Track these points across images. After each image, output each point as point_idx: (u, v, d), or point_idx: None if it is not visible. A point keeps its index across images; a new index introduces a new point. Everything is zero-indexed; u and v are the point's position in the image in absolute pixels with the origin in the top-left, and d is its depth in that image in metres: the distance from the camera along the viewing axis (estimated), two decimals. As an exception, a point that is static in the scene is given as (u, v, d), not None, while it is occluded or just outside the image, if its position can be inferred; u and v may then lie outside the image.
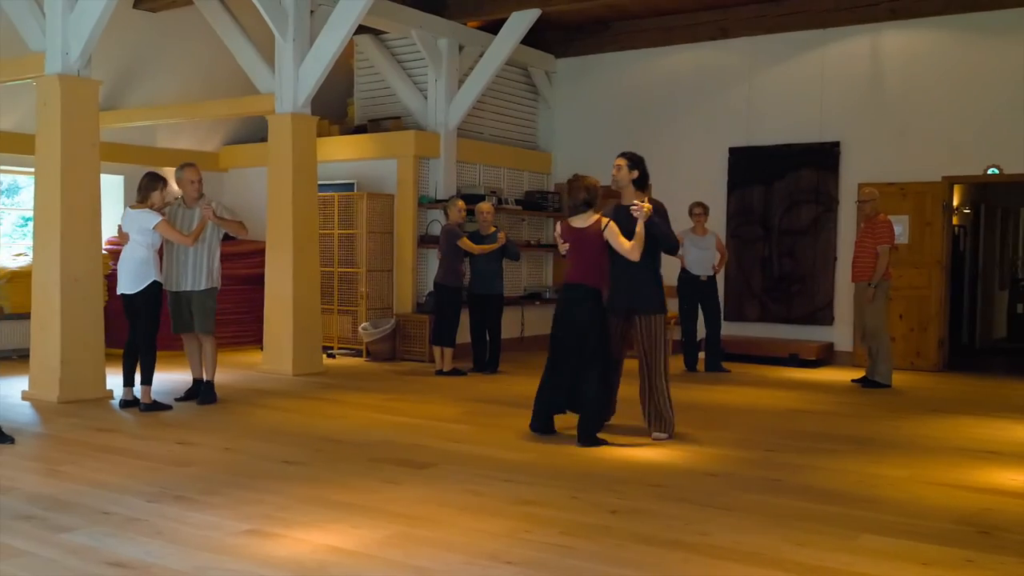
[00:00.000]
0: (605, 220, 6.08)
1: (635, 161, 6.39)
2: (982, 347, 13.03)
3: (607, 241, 6.04)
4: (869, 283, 8.81)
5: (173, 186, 7.62)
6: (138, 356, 7.13)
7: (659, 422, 6.25)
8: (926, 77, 10.38)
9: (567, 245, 6.16)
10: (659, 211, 6.20)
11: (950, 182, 10.42)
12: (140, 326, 7.11)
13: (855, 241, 9.41)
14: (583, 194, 6.18)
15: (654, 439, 6.19)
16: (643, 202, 6.06)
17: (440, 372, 9.33)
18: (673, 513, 4.52)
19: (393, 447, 5.96)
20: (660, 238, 6.17)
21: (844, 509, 4.63)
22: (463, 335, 9.70)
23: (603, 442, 6.03)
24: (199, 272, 7.36)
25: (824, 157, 10.86)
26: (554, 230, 6.19)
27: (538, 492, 4.86)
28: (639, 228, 6.00)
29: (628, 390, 6.59)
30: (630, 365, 6.52)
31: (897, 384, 9.01)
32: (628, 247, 6.00)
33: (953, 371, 10.34)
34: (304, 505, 4.55)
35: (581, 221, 6.15)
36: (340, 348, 10.89)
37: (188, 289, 7.37)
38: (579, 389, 6.09)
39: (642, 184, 6.38)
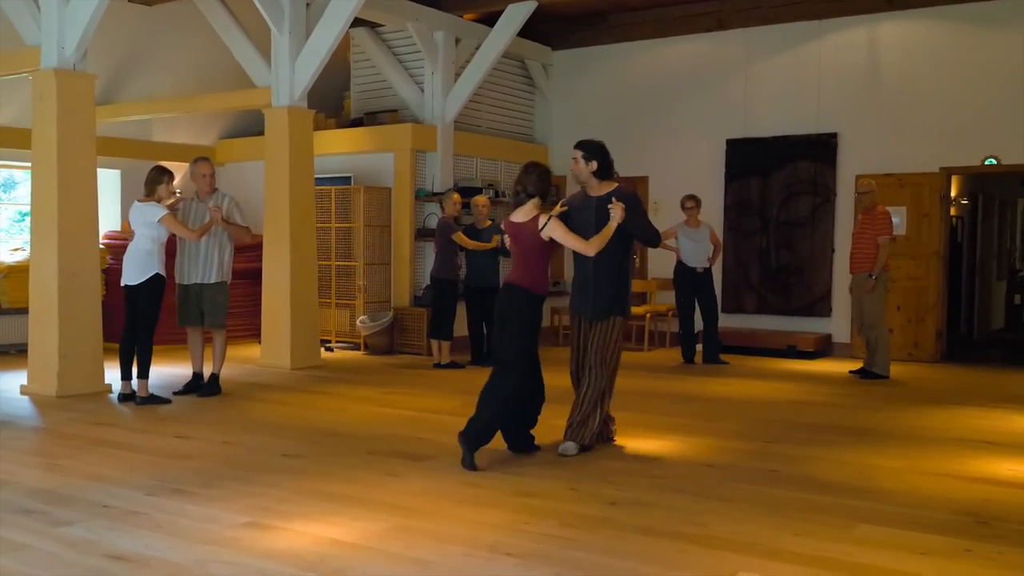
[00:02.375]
0: (545, 216, 5.40)
1: (591, 150, 5.69)
2: (980, 338, 13.05)
3: (548, 240, 5.40)
4: (870, 274, 8.81)
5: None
6: (135, 349, 7.13)
7: (579, 429, 5.62)
8: (923, 68, 10.37)
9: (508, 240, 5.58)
10: (632, 202, 5.62)
11: (948, 173, 10.42)
12: (140, 319, 7.11)
13: (853, 233, 9.41)
14: (521, 184, 5.49)
15: (559, 451, 5.54)
16: (611, 192, 5.59)
17: (438, 365, 9.34)
18: (672, 504, 4.52)
19: (392, 440, 5.97)
20: (637, 233, 5.67)
21: (842, 500, 4.64)
22: (461, 328, 9.70)
23: (474, 466, 5.13)
24: (210, 265, 7.40)
25: (821, 148, 10.85)
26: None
27: (537, 484, 4.86)
28: (610, 226, 5.47)
29: (625, 383, 6.58)
30: (628, 358, 6.49)
31: (895, 375, 9.02)
32: (581, 245, 5.44)
33: (951, 362, 10.35)
34: (303, 498, 4.55)
35: (520, 215, 5.49)
36: (338, 341, 10.89)
37: (198, 282, 7.38)
38: (485, 388, 5.42)
39: (605, 174, 5.70)
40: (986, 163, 10.10)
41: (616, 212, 5.49)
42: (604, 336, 5.64)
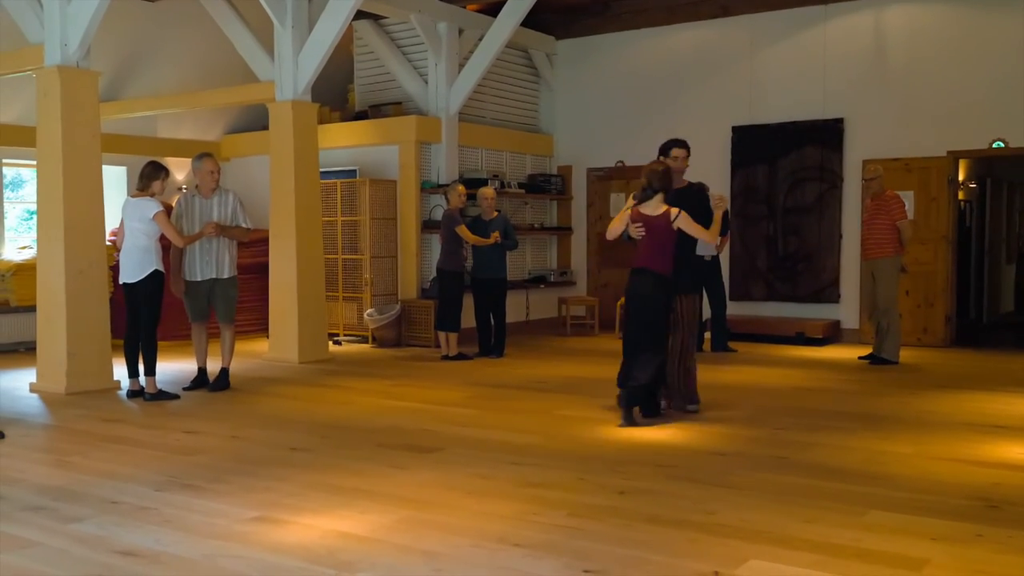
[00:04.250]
0: (675, 210, 6.22)
1: (687, 147, 6.86)
2: (990, 322, 12.99)
3: (677, 229, 6.22)
4: (895, 257, 8.87)
5: (175, 175, 7.64)
6: (139, 346, 7.14)
7: (686, 396, 6.56)
8: (929, 51, 10.30)
9: (642, 230, 6.25)
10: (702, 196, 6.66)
11: (955, 157, 10.36)
12: (142, 316, 7.11)
13: (863, 219, 9.37)
14: (648, 180, 6.31)
15: (688, 410, 6.50)
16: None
17: (446, 357, 9.34)
18: (680, 492, 4.52)
19: (400, 432, 5.97)
20: (724, 224, 6.70)
21: (852, 486, 4.62)
22: (468, 319, 9.70)
23: (635, 423, 6.11)
24: (223, 260, 7.41)
25: (828, 134, 10.80)
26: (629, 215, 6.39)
27: (545, 474, 4.86)
28: (718, 216, 6.45)
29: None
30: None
31: (904, 360, 8.99)
32: (707, 234, 6.33)
33: (961, 346, 10.31)
34: (312, 491, 4.56)
35: (650, 208, 6.28)
36: (346, 335, 10.90)
37: (212, 277, 7.39)
38: (631, 365, 6.25)
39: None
40: (994, 146, 10.03)
41: (720, 203, 6.51)
42: (688, 311, 6.53)
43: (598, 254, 12.56)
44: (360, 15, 10.54)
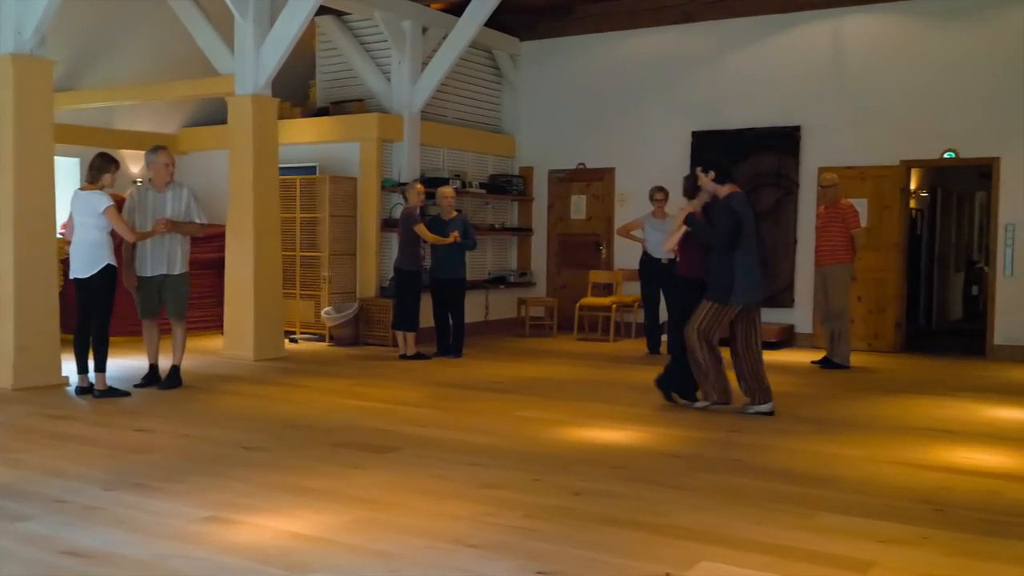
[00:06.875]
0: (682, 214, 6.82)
1: (706, 165, 6.85)
2: (938, 328, 13.25)
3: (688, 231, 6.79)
4: (849, 264, 9.03)
5: (130, 168, 7.51)
6: (89, 342, 7.01)
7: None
8: (885, 62, 10.49)
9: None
10: (712, 208, 6.77)
11: (908, 166, 10.57)
12: (93, 311, 6.98)
13: (817, 226, 9.52)
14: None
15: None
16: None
17: (404, 356, 9.31)
18: (635, 494, 4.55)
19: (356, 432, 5.94)
20: (698, 235, 6.75)
21: (802, 488, 4.69)
22: (427, 319, 9.68)
23: (672, 400, 6.96)
24: (174, 256, 7.30)
25: (785, 141, 10.95)
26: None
27: (502, 475, 4.86)
28: (677, 223, 6.88)
29: (591, 373, 6.60)
30: (593, 349, 6.52)
31: (856, 365, 9.15)
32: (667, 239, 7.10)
33: (910, 352, 10.51)
34: (265, 491, 4.52)
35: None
36: (302, 333, 10.81)
37: (164, 273, 7.27)
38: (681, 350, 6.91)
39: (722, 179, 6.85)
40: (945, 156, 10.25)
41: (680, 213, 6.89)
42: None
43: (558, 255, 12.60)
44: (323, 10, 10.46)
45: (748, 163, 11.12)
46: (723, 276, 6.56)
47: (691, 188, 6.98)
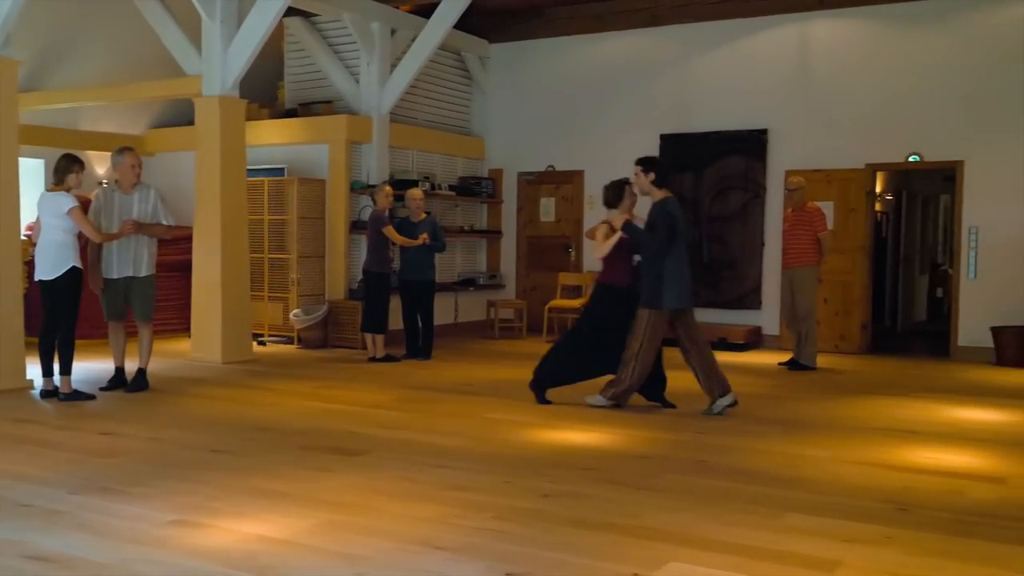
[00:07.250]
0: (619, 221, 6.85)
1: (647, 165, 6.93)
2: (903, 330, 13.44)
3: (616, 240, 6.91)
4: (816, 267, 9.15)
5: (96, 169, 7.41)
6: (55, 344, 6.92)
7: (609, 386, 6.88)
8: (851, 66, 10.63)
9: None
10: (655, 213, 6.76)
11: (873, 169, 10.70)
12: (59, 314, 6.88)
13: (784, 229, 9.62)
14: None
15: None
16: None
17: (373, 359, 9.28)
18: (604, 496, 4.57)
19: (324, 435, 5.91)
20: (640, 241, 6.76)
21: (769, 489, 4.74)
22: (396, 321, 9.65)
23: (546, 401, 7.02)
24: (140, 258, 7.22)
25: (752, 144, 11.05)
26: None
27: (471, 477, 4.86)
28: (601, 234, 6.97)
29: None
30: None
31: (822, 366, 9.24)
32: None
33: (876, 353, 10.65)
34: (233, 495, 4.48)
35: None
36: (271, 335, 10.74)
37: (129, 275, 7.19)
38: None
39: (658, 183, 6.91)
40: (910, 160, 10.40)
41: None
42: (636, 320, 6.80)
43: (527, 258, 12.62)
44: (291, 12, 10.41)
45: (716, 166, 11.21)
46: (656, 282, 6.65)
47: (613, 198, 7.00)
